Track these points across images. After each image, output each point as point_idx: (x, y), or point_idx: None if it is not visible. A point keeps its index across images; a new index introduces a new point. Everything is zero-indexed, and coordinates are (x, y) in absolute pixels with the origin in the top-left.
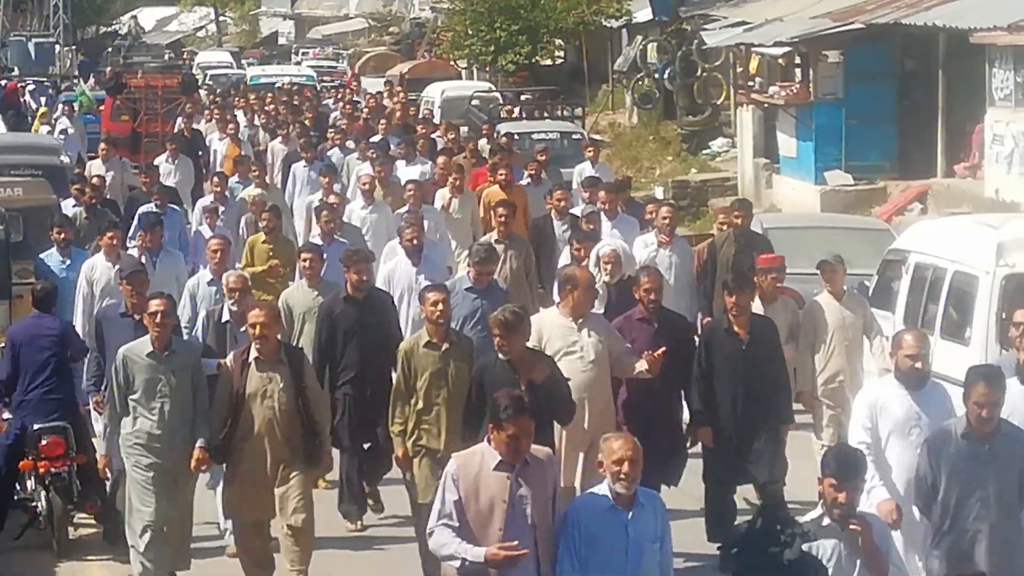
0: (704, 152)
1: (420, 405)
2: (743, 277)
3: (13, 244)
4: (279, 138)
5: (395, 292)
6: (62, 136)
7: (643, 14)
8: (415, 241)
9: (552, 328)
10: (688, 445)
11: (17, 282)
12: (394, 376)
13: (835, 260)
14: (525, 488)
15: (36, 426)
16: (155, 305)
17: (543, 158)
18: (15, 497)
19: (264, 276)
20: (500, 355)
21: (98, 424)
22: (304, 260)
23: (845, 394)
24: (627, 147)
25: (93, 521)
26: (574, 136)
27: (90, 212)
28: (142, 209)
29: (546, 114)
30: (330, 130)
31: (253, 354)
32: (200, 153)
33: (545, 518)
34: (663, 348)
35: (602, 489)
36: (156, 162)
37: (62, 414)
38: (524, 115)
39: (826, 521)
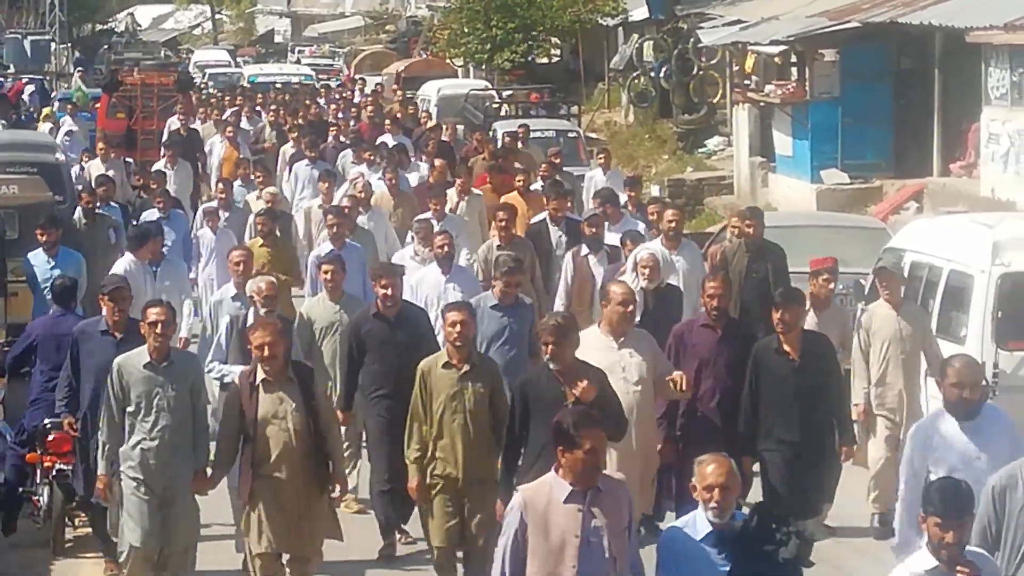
0: (700, 151)
1: (434, 431)
2: (791, 291)
3: (9, 241)
4: (290, 142)
5: (421, 303)
6: (67, 138)
7: (639, 12)
8: (446, 248)
9: (592, 348)
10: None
11: (13, 280)
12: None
13: (893, 267)
14: (600, 519)
15: (46, 421)
16: (154, 314)
17: (558, 160)
18: (19, 489)
19: None
20: (551, 364)
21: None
22: (325, 272)
23: (902, 412)
24: (623, 146)
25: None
26: (570, 134)
27: (88, 216)
28: (144, 216)
29: (543, 111)
30: (332, 129)
31: (261, 375)
32: (197, 155)
33: (623, 551)
34: (680, 373)
35: (693, 517)
36: (155, 167)
37: (75, 410)
38: (520, 113)
39: (931, 564)
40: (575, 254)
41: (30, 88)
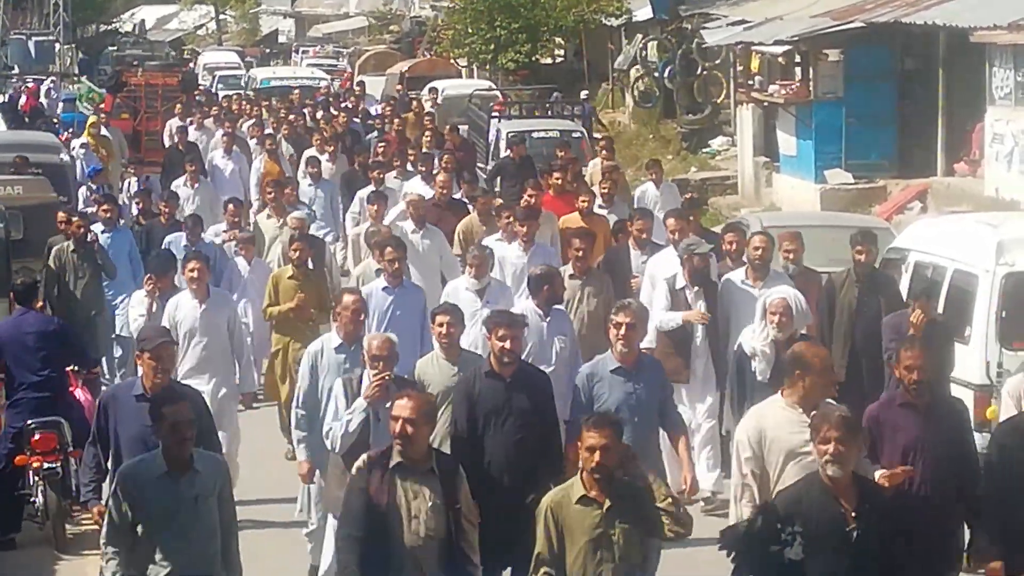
0: (704, 151)
1: None
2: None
3: (14, 242)
4: (326, 155)
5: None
6: (82, 150)
7: (643, 12)
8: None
9: (777, 424)
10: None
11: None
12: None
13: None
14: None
15: (29, 422)
16: (172, 413)
17: (614, 176)
18: (16, 493)
19: (289, 317)
20: (829, 471)
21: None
22: (440, 324)
23: None
24: (627, 145)
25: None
26: (575, 134)
27: (79, 245)
28: (168, 240)
29: (549, 112)
30: (315, 138)
31: (395, 459)
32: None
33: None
34: (901, 470)
35: None
36: (173, 186)
37: (56, 410)
38: (524, 113)
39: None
40: (672, 284)
41: (46, 86)
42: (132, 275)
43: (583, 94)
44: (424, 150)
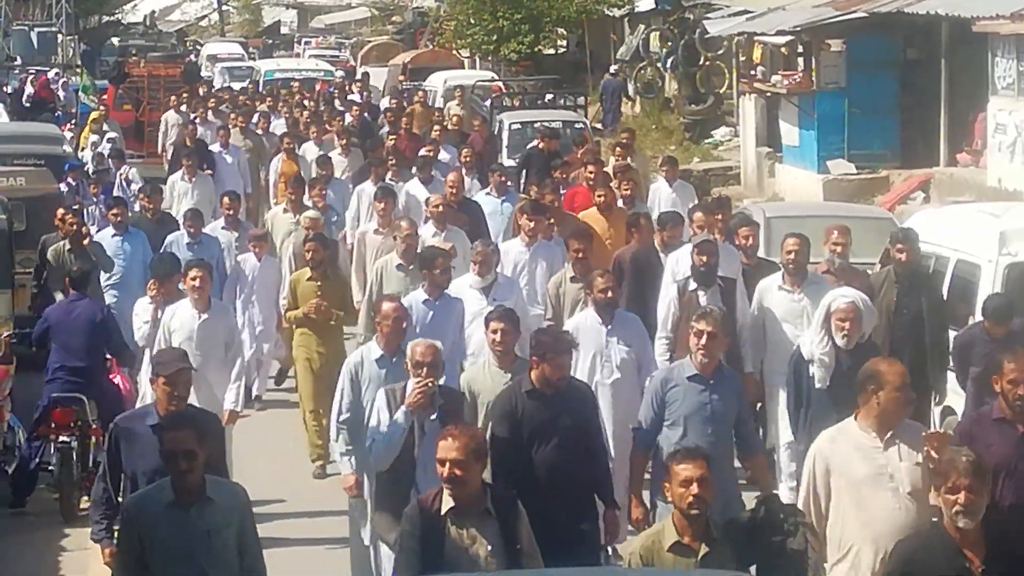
0: (707, 141)
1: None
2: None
3: (16, 233)
4: (339, 149)
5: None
6: (109, 144)
7: (645, 3)
8: (610, 294)
9: (846, 455)
10: None
11: (20, 271)
12: (599, 503)
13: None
14: None
15: (52, 395)
16: (170, 440)
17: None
18: (38, 463)
19: (309, 320)
20: (960, 521)
21: None
22: (494, 331)
23: None
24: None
25: None
26: (576, 125)
27: (75, 245)
28: (169, 240)
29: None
30: (313, 131)
31: (447, 503)
32: (205, 168)
33: None
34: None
35: None
36: (170, 180)
37: (83, 389)
38: (526, 104)
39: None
40: (683, 288)
41: (60, 77)
42: (144, 281)
43: (612, 69)
44: (424, 151)
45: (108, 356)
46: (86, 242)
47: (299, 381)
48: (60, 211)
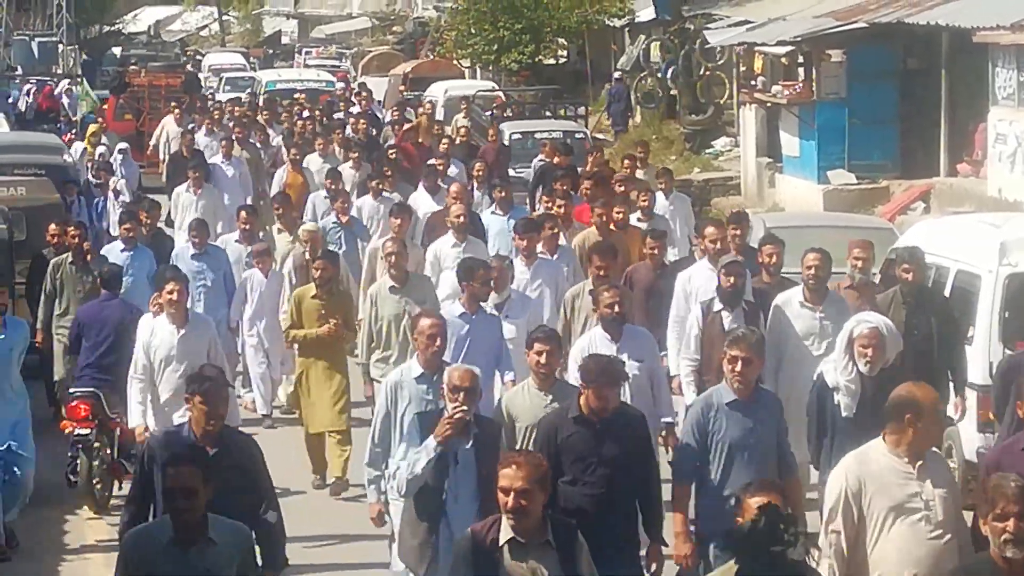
0: (707, 151)
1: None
2: None
3: (16, 243)
4: (350, 162)
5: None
6: (120, 155)
7: (646, 13)
8: (618, 309)
9: (880, 472)
10: None
11: (20, 281)
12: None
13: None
14: None
15: (71, 390)
16: (177, 477)
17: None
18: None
19: (314, 340)
20: (1009, 551)
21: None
22: (538, 352)
23: None
24: (630, 146)
25: None
26: (577, 135)
27: (78, 259)
28: (175, 253)
29: (548, 113)
30: (318, 142)
31: (506, 533)
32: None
33: None
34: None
35: None
36: (175, 192)
37: (110, 388)
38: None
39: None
40: (707, 308)
41: (64, 87)
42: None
43: (617, 74)
44: (430, 161)
45: None
46: (88, 257)
47: (300, 403)
48: (54, 225)
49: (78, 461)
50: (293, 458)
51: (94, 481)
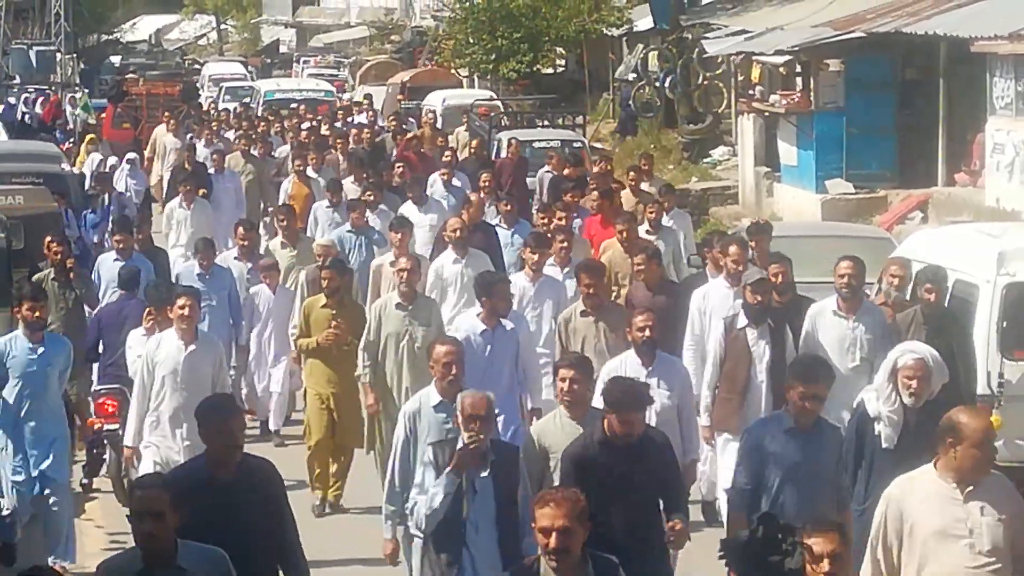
0: (705, 160)
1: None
2: None
3: (14, 252)
4: (351, 176)
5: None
6: (128, 165)
7: (644, 23)
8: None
9: (925, 498)
10: None
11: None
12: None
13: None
14: None
15: (96, 387)
16: (144, 500)
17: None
18: (94, 451)
19: (322, 347)
20: None
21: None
22: (563, 379)
23: None
24: (628, 155)
25: None
26: (575, 144)
27: (59, 273)
28: (179, 272)
29: (546, 122)
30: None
31: (547, 572)
32: (200, 192)
33: None
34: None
35: None
36: (169, 207)
37: (128, 381)
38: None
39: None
40: (729, 325)
41: (73, 96)
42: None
43: (629, 77)
44: (439, 175)
45: None
46: (71, 274)
47: (308, 412)
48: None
49: (105, 457)
50: (301, 477)
51: (122, 475)
